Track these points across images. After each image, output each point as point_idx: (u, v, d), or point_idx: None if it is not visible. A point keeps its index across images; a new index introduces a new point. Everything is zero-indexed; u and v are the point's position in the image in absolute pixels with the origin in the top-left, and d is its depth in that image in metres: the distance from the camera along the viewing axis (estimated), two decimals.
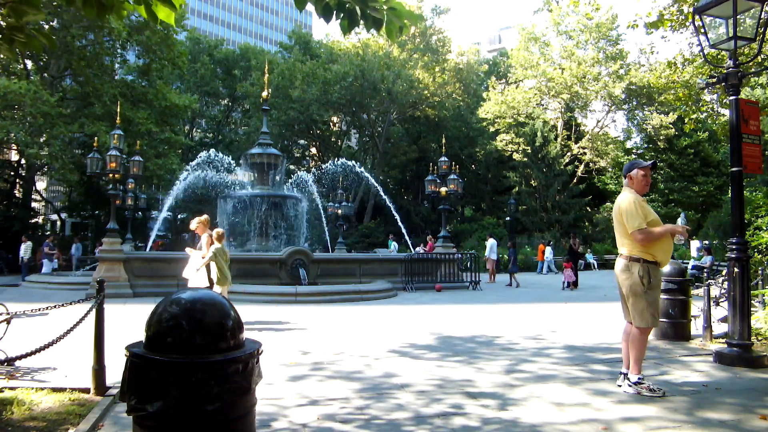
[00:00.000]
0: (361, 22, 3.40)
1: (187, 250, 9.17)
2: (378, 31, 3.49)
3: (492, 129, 40.45)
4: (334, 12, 3.37)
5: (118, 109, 18.33)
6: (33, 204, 36.67)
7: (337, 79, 36.57)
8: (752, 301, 7.14)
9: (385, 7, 3.37)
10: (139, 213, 26.29)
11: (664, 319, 7.53)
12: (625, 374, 4.86)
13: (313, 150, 48.68)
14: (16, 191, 33.00)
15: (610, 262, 33.13)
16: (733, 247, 6.11)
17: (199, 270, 8.51)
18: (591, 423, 3.98)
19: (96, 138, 19.89)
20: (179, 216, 42.43)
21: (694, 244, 23.90)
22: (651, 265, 4.73)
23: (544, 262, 27.23)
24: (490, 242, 21.16)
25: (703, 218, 36.03)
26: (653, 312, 4.71)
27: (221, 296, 2.26)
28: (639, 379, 4.75)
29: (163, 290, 12.55)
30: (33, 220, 35.01)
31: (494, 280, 20.47)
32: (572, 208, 38.54)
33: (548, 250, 27.32)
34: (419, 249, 23.05)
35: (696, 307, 7.83)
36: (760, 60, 8.89)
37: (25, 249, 21.50)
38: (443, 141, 22.46)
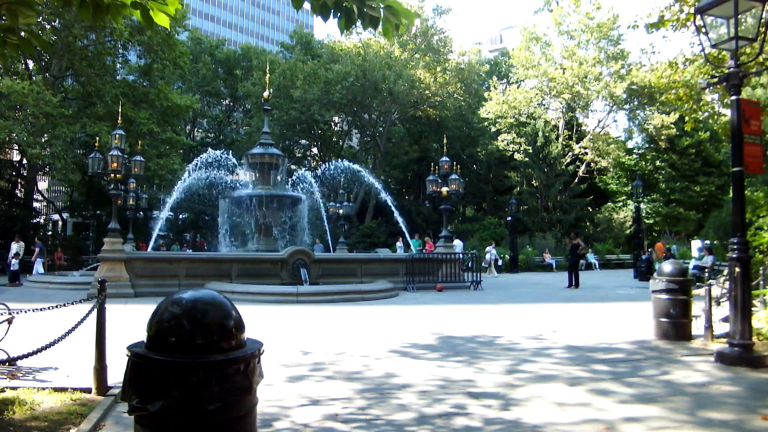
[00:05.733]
0: (358, 20, 3.39)
1: None
2: (375, 29, 3.50)
3: (493, 129, 40.43)
4: (331, 11, 3.37)
5: (120, 109, 18.36)
6: (35, 204, 36.71)
7: (339, 79, 36.56)
8: (753, 301, 7.14)
9: (381, 5, 3.36)
10: (141, 213, 26.28)
11: (665, 319, 7.54)
12: None
13: (315, 150, 48.69)
14: (17, 191, 33.03)
15: (611, 261, 33.15)
16: (734, 247, 6.10)
17: None
18: (593, 423, 3.98)
19: (98, 138, 19.92)
20: (180, 216, 42.47)
21: (696, 244, 23.88)
22: None
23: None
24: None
25: (704, 218, 35.97)
26: None
27: (223, 296, 2.27)
28: None
29: (165, 290, 12.54)
30: (35, 220, 35.04)
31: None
32: (573, 208, 38.49)
33: (674, 249, 26.81)
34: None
35: (697, 307, 7.83)
36: (761, 60, 8.86)
37: (17, 248, 21.43)
38: (444, 141, 22.48)
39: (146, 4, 3.39)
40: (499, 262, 26.60)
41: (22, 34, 3.78)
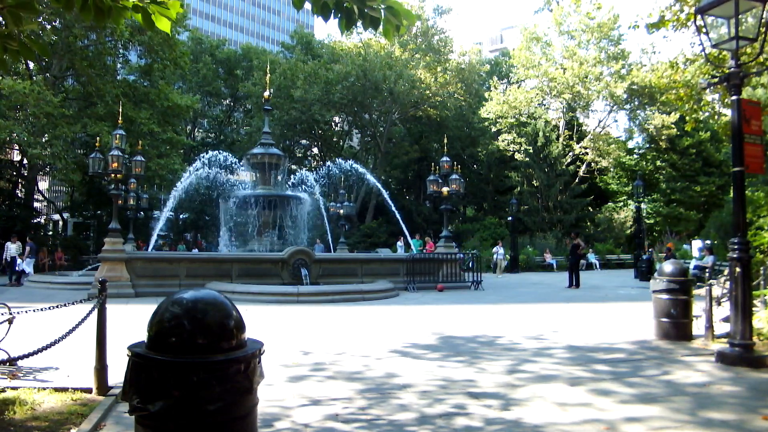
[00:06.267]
0: (359, 21, 3.39)
1: None
2: (375, 29, 3.50)
3: (494, 129, 40.42)
4: (332, 11, 3.37)
5: (120, 109, 18.36)
6: (35, 204, 36.71)
7: (339, 79, 36.57)
8: (754, 301, 7.13)
9: (382, 6, 3.36)
10: (141, 213, 26.30)
11: (665, 319, 7.54)
12: None
13: (315, 150, 48.69)
14: (18, 191, 33.05)
15: (612, 262, 33.12)
16: (735, 247, 6.10)
17: None
18: (594, 423, 3.98)
19: (98, 138, 19.91)
20: (181, 216, 42.49)
21: (696, 244, 23.87)
22: None
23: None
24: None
25: (704, 218, 35.95)
26: None
27: (223, 296, 2.27)
28: None
29: (165, 290, 12.53)
30: (35, 220, 35.05)
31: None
32: (574, 208, 38.47)
33: (686, 247, 26.28)
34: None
35: (698, 307, 7.82)
36: (761, 60, 8.86)
37: (16, 249, 21.47)
38: (445, 141, 22.47)
39: (147, 8, 3.38)
40: (506, 262, 26.71)
41: (23, 37, 3.77)
